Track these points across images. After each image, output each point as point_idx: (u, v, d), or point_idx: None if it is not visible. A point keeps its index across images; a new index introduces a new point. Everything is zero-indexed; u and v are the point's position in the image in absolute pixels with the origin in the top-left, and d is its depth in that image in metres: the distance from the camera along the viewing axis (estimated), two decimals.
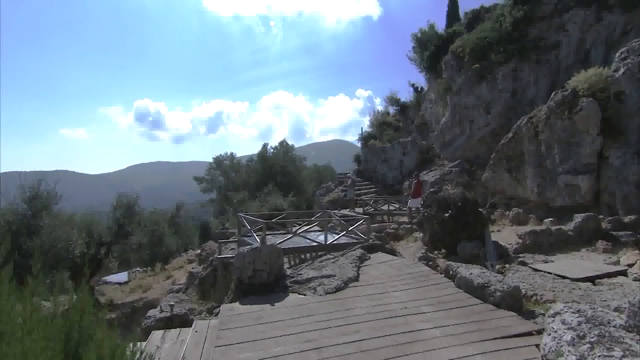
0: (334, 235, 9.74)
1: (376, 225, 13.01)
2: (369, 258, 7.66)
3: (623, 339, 3.13)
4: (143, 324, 6.49)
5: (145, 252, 17.10)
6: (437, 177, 17.01)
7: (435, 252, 8.79)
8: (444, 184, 16.41)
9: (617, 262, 7.34)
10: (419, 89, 29.74)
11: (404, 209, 14.75)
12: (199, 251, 21.88)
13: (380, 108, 36.37)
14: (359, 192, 20.71)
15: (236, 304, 5.44)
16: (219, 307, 6.99)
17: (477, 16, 22.22)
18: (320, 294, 5.56)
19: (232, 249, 11.51)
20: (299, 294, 5.66)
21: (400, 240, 12.01)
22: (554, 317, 3.69)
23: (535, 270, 6.97)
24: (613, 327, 3.30)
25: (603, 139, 11.85)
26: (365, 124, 34.49)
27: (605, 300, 5.09)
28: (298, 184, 31.12)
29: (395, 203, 15.76)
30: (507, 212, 13.81)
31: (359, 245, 8.10)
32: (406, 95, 31.89)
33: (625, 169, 11.21)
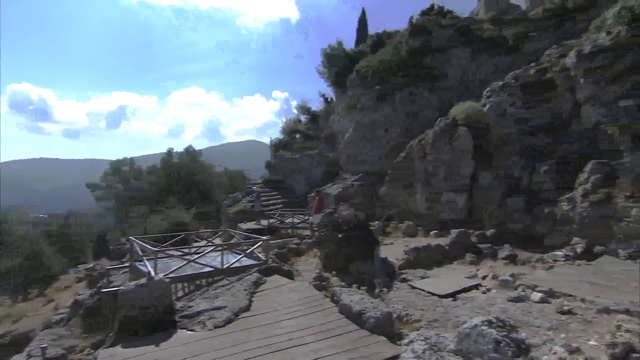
0: (235, 256, 9.71)
1: (279, 241, 13.27)
2: (265, 282, 7.84)
3: None
4: None
5: (18, 279, 14.69)
6: (341, 190, 18.00)
7: (332, 271, 9.34)
8: (348, 198, 17.42)
9: (475, 276, 8.66)
10: (329, 100, 30.97)
11: (309, 222, 15.28)
12: (91, 265, 19.78)
13: (295, 111, 36.75)
14: (267, 202, 20.85)
15: (117, 348, 5.17)
16: (106, 339, 6.52)
17: (380, 40, 24.07)
18: (210, 329, 5.56)
19: (124, 272, 10.72)
20: (188, 329, 5.59)
21: (302, 256, 12.44)
22: (408, 345, 4.29)
23: (413, 287, 7.87)
24: (447, 352, 3.98)
25: (475, 162, 13.82)
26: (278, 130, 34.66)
27: (458, 317, 6.02)
28: (207, 193, 29.96)
29: (301, 215, 16.25)
30: (401, 224, 15.24)
31: (255, 269, 8.23)
32: (318, 105, 32.95)
33: (490, 189, 13.25)
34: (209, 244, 10.51)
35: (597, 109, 11.70)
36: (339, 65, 24.79)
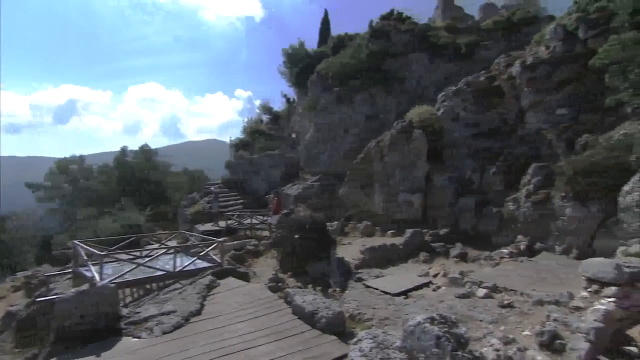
0: (189, 258, 9.45)
1: (236, 243, 13.06)
2: (219, 285, 7.70)
3: (395, 359, 3.91)
4: None
5: None
6: (300, 191, 18.02)
7: (289, 272, 9.32)
8: (308, 199, 17.47)
9: (428, 274, 9.00)
10: (291, 100, 30.90)
11: (268, 223, 15.15)
12: (31, 272, 18.34)
13: (258, 110, 36.24)
14: (226, 203, 20.44)
15: None
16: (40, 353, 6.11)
17: (342, 42, 24.33)
18: (157, 335, 5.37)
19: (68, 278, 10.07)
20: (134, 336, 5.36)
21: (260, 257, 12.32)
22: (356, 344, 4.37)
23: (367, 286, 8.04)
24: (393, 349, 4.09)
25: (430, 164, 14.34)
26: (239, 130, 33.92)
27: (408, 315, 6.22)
28: (163, 193, 28.75)
29: (260, 216, 16.08)
30: (359, 224, 15.50)
31: (209, 272, 8.05)
32: (280, 104, 32.74)
33: (443, 189, 13.80)
34: (162, 246, 10.12)
35: (539, 115, 12.54)
36: (300, 66, 24.79)
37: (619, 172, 8.90)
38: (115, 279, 7.09)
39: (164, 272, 7.97)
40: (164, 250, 9.07)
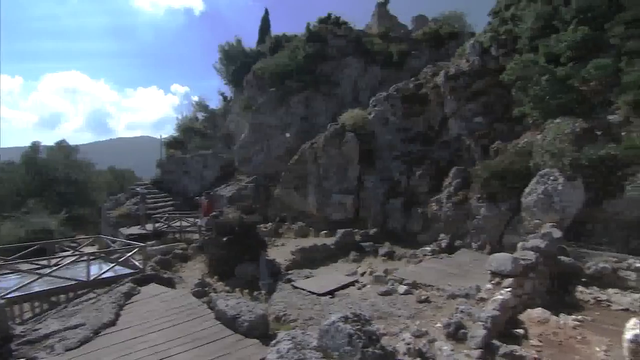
0: (108, 265, 8.75)
1: (163, 247, 12.39)
2: (139, 292, 7.23)
3: (311, 359, 3.98)
4: None
5: None
6: (234, 192, 17.62)
7: (217, 276, 9.05)
8: (242, 200, 17.13)
9: (356, 273, 9.30)
10: (228, 99, 30.05)
11: (198, 225, 14.59)
12: None
13: (193, 107, 34.68)
14: (155, 205, 19.32)
15: None
16: None
17: (279, 42, 24.23)
18: (59, 353, 4.88)
19: None
20: (28, 358, 4.81)
21: (189, 261, 11.81)
22: (275, 345, 4.36)
23: (295, 287, 8.09)
24: (309, 349, 4.15)
25: (361, 166, 14.83)
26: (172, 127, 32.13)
27: (332, 313, 6.35)
28: (83, 194, 26.18)
29: (190, 219, 15.42)
30: (294, 225, 15.55)
31: (129, 279, 7.53)
32: (217, 102, 31.69)
33: (374, 191, 14.35)
34: (76, 253, 9.23)
35: (459, 122, 13.58)
36: (236, 64, 24.26)
37: (522, 175, 9.94)
38: (8, 293, 6.31)
39: (75, 282, 7.28)
40: (75, 258, 8.27)
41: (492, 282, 6.15)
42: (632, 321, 4.05)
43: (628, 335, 3.89)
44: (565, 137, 9.12)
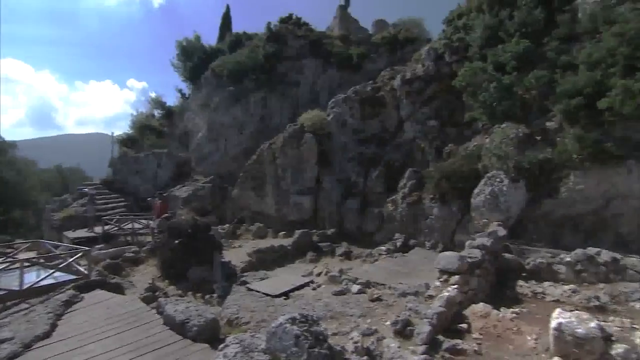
0: (47, 272, 8.16)
1: (112, 250, 11.76)
2: (82, 299, 6.82)
3: None
4: None
5: None
6: (190, 192, 17.08)
7: (167, 280, 8.73)
8: (198, 201, 16.66)
9: (312, 273, 9.33)
10: (186, 96, 29.09)
11: (151, 227, 14.00)
12: None
13: (149, 104, 33.21)
14: (105, 206, 18.30)
15: None
16: None
17: (240, 40, 23.86)
18: None
19: None
20: None
21: (141, 265, 11.30)
22: (222, 349, 4.27)
23: (249, 290, 7.97)
24: (257, 352, 4.11)
25: (319, 167, 14.92)
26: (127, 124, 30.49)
27: (284, 314, 6.33)
28: (20, 195, 24.20)
29: (143, 220, 14.75)
30: (252, 226, 15.34)
31: (70, 286, 7.08)
32: (174, 99, 30.57)
33: (331, 191, 14.49)
34: (8, 259, 8.48)
35: (414, 125, 14.02)
36: (194, 61, 23.57)
37: (472, 177, 10.45)
38: None
39: (5, 292, 6.72)
40: (6, 265, 7.63)
41: (440, 279, 6.40)
42: (557, 311, 4.38)
43: (553, 323, 4.21)
44: (510, 142, 9.69)
